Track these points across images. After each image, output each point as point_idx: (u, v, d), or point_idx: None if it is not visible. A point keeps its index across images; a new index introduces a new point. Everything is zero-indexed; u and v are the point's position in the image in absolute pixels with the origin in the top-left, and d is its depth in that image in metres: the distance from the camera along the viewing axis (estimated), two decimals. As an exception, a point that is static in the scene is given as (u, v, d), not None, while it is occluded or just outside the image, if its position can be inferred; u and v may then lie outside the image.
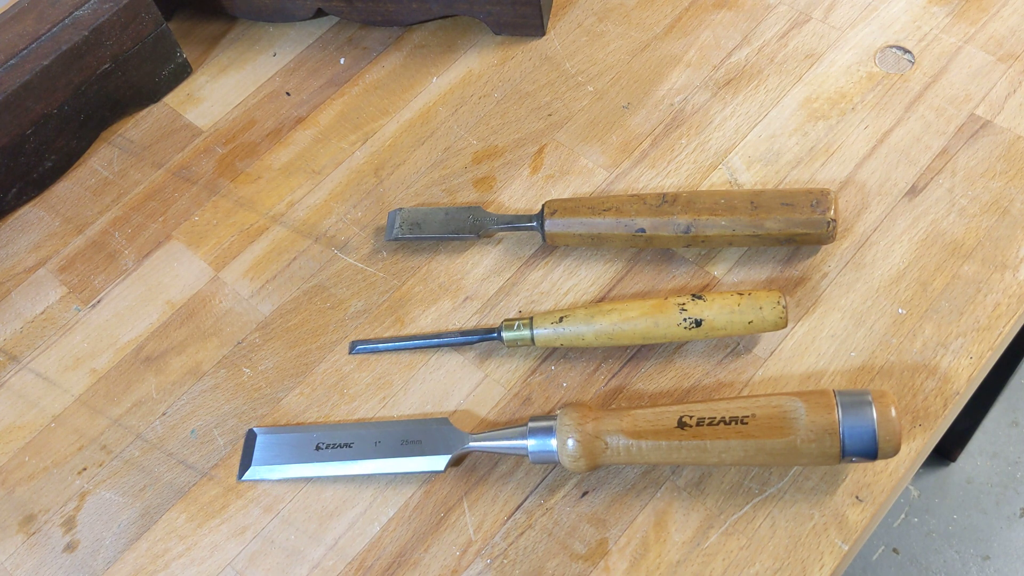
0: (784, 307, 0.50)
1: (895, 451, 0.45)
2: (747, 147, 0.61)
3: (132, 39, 0.65)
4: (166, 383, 0.57)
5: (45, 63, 0.61)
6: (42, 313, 0.61)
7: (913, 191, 0.58)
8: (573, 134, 0.63)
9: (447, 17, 0.71)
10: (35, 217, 0.65)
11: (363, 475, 0.52)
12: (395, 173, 0.64)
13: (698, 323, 0.51)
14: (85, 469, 0.54)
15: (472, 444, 0.50)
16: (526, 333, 0.53)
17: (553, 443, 0.48)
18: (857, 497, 0.48)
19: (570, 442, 0.47)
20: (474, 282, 0.58)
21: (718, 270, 0.56)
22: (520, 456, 0.51)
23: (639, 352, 0.54)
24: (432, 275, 0.59)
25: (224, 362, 0.57)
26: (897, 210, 0.57)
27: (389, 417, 0.54)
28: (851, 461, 0.46)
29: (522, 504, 0.50)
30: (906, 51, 0.63)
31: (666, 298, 0.52)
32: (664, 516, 0.49)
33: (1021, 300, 0.53)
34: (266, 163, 0.65)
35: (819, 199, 0.54)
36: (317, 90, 0.69)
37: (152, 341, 0.58)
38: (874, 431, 0.45)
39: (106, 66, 0.65)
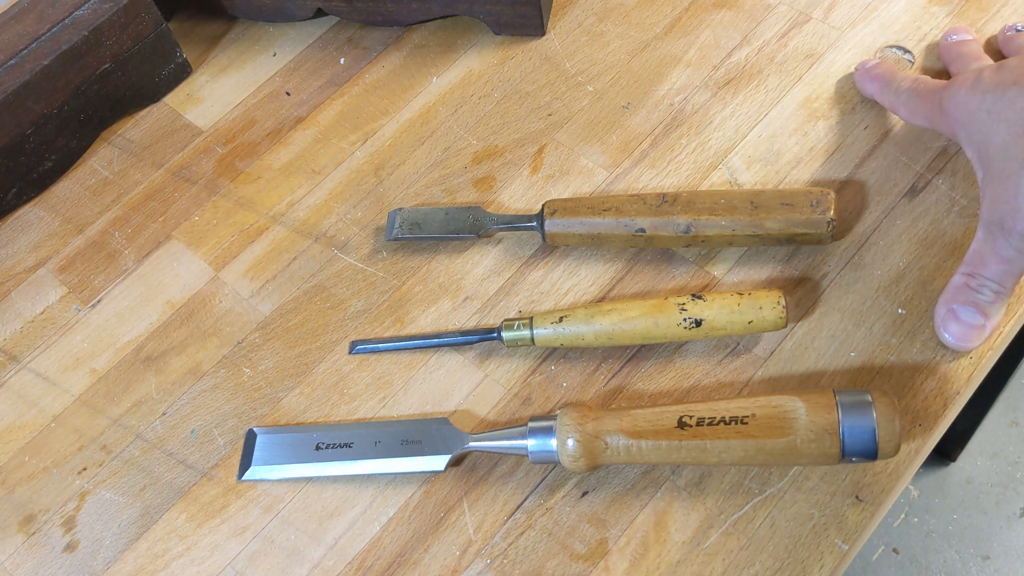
0: (784, 307, 0.50)
1: (895, 451, 0.45)
2: (747, 147, 0.61)
3: (132, 39, 0.65)
4: (166, 383, 0.57)
5: (45, 63, 0.61)
6: (42, 313, 0.61)
7: (913, 191, 0.58)
8: (573, 134, 0.63)
9: (447, 17, 0.71)
10: (35, 217, 0.65)
11: (363, 475, 0.52)
12: (395, 173, 0.64)
13: (698, 323, 0.51)
14: (85, 469, 0.54)
15: (472, 444, 0.50)
16: (526, 333, 0.53)
17: (553, 443, 0.48)
18: (857, 497, 0.48)
19: (570, 442, 0.47)
20: (474, 282, 0.58)
21: (718, 270, 0.56)
22: (520, 456, 0.51)
23: (639, 352, 0.54)
24: (432, 275, 0.59)
25: (224, 362, 0.57)
26: (897, 210, 0.57)
27: (389, 417, 0.54)
28: (851, 461, 0.46)
29: (522, 504, 0.50)
30: (906, 51, 0.63)
31: (666, 298, 0.52)
32: (664, 516, 0.49)
33: (1021, 300, 0.53)
34: (266, 163, 0.65)
35: (819, 199, 0.54)
36: (317, 90, 0.69)
37: (152, 341, 0.58)
38: (874, 431, 0.45)
39: (106, 66, 0.65)
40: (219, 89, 0.70)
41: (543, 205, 0.57)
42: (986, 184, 0.50)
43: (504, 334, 0.54)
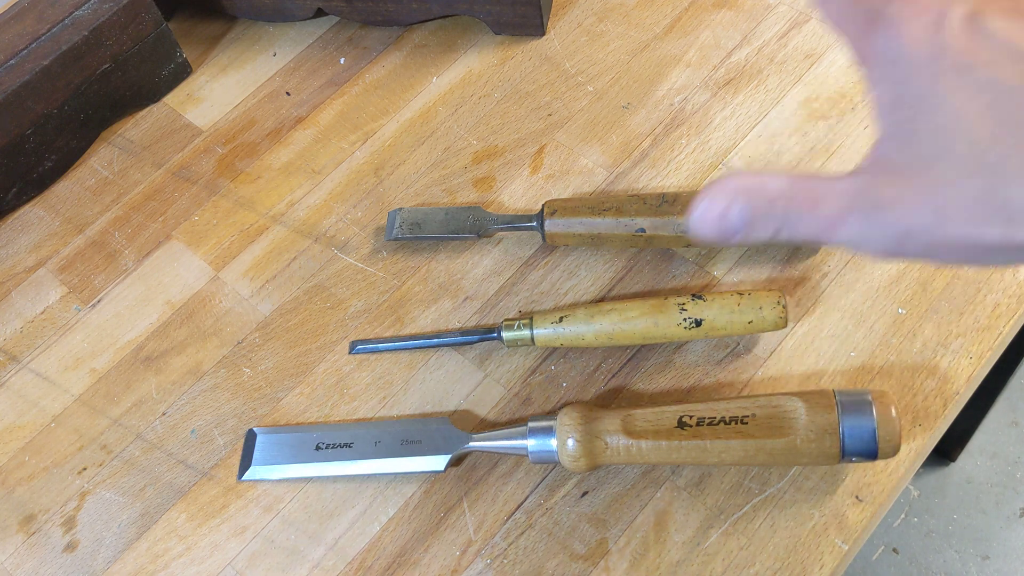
0: (784, 307, 0.50)
1: (895, 451, 0.45)
2: (747, 147, 0.61)
3: (132, 39, 0.65)
4: (166, 383, 0.57)
5: (45, 63, 0.61)
6: (42, 313, 0.61)
7: (913, 191, 0.57)
8: (573, 134, 0.63)
9: (447, 17, 0.71)
10: (35, 217, 0.65)
11: (363, 475, 0.52)
12: (395, 173, 0.64)
13: (698, 323, 0.51)
14: (85, 469, 0.54)
15: (472, 444, 0.50)
16: (526, 333, 0.53)
17: (553, 443, 0.48)
18: (857, 497, 0.48)
19: (570, 442, 0.47)
20: (474, 282, 0.58)
21: (718, 270, 0.56)
22: (520, 456, 0.51)
23: (639, 352, 0.54)
24: (432, 275, 0.59)
25: (224, 362, 0.57)
26: (897, 210, 0.57)
27: (389, 417, 0.54)
28: (851, 461, 0.46)
29: (522, 504, 0.50)
30: (906, 51, 0.63)
31: (666, 298, 0.52)
32: (664, 516, 0.49)
33: (1021, 300, 0.53)
34: (266, 163, 0.65)
35: (819, 199, 0.54)
36: (317, 90, 0.69)
37: (152, 341, 0.58)
38: (874, 431, 0.45)
39: (106, 66, 0.65)
40: (219, 89, 0.70)
41: (543, 205, 0.57)
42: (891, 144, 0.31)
43: (504, 334, 0.54)
